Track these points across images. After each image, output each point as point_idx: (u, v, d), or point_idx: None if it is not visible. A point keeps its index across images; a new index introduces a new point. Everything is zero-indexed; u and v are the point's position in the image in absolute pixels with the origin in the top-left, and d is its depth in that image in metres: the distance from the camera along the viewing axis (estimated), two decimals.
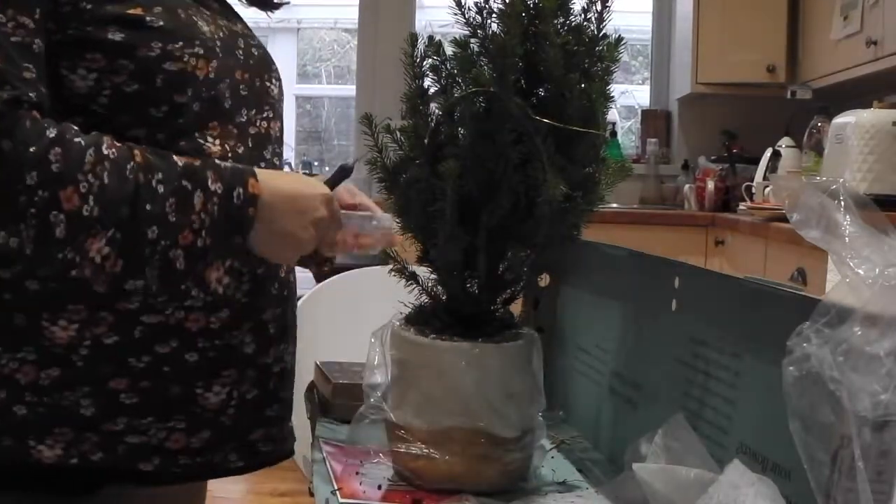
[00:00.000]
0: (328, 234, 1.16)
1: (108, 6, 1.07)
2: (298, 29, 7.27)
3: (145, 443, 1.11)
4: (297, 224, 1.12)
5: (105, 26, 1.07)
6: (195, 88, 1.11)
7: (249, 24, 1.30)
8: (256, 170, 1.11)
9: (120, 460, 1.10)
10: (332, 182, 1.21)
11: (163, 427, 1.12)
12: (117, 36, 1.07)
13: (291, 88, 6.07)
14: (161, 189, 1.04)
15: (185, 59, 1.10)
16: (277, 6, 1.37)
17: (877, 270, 0.73)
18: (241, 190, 1.08)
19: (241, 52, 1.20)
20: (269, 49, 1.32)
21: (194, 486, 1.31)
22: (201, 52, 1.12)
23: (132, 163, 1.03)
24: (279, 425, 1.22)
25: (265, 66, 1.24)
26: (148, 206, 1.03)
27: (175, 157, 1.07)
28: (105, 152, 1.02)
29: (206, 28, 1.14)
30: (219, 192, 1.07)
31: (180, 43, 1.10)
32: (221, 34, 1.17)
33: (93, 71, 1.07)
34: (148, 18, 1.09)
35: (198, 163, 1.07)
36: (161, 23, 1.09)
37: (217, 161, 1.09)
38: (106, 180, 1.01)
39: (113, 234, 1.02)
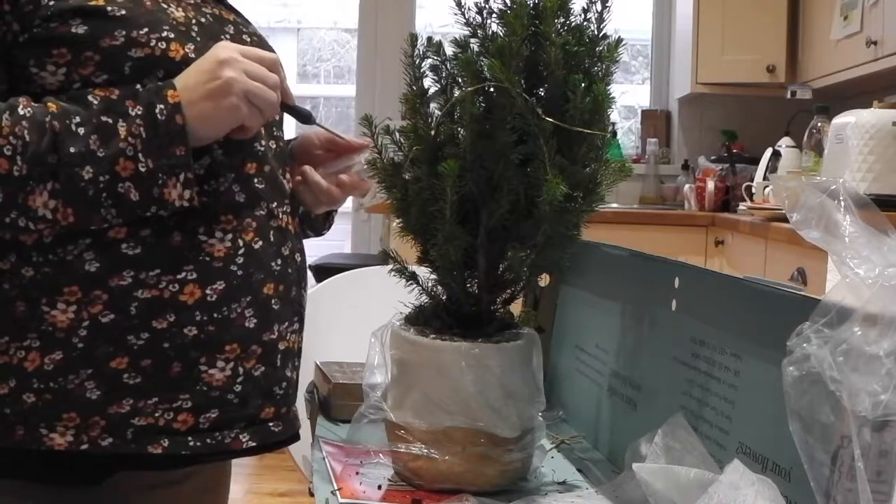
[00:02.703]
0: (249, 69, 1.11)
1: None
2: (298, 29, 7.27)
3: (152, 425, 1.11)
4: (210, 82, 1.09)
5: (68, 20, 1.08)
6: (170, 69, 1.11)
7: None
8: (175, 80, 1.10)
9: (129, 444, 1.10)
10: (289, 111, 1.18)
11: (169, 407, 1.11)
12: (80, 29, 1.08)
13: (291, 88, 6.07)
14: (81, 130, 1.05)
15: (153, 45, 1.10)
16: None
17: (877, 270, 0.73)
18: (161, 106, 1.07)
19: (228, 37, 1.19)
20: None
21: (214, 474, 1.30)
22: (171, 35, 1.12)
23: (48, 115, 1.05)
24: (287, 405, 1.21)
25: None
26: (72, 149, 1.04)
27: (92, 97, 1.08)
28: (21, 112, 1.04)
29: (178, 14, 1.14)
30: (140, 114, 1.07)
31: (145, 29, 1.10)
32: (202, 20, 1.17)
33: (61, 66, 1.09)
34: (109, 8, 1.09)
35: (115, 95, 1.08)
36: (123, 11, 1.10)
37: (136, 87, 1.09)
38: (27, 137, 1.03)
39: (52, 185, 1.04)
